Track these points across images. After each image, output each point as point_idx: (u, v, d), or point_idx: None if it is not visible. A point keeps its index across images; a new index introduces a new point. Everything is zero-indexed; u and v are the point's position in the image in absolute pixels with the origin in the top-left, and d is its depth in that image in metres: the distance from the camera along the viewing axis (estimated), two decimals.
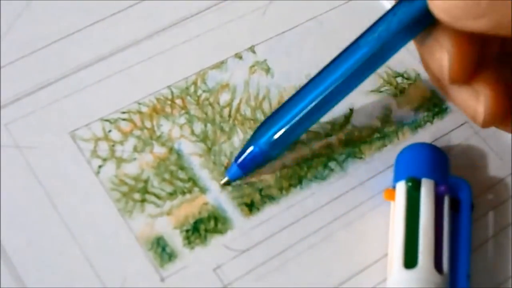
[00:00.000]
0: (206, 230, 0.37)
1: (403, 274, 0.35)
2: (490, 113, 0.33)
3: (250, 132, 0.40)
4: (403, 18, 0.34)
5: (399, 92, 0.42)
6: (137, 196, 0.38)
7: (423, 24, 0.33)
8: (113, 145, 0.39)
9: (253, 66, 0.42)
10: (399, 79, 0.43)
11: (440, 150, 0.39)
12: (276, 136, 0.38)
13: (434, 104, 0.42)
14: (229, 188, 0.38)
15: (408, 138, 0.41)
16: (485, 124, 0.34)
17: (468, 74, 0.33)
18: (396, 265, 0.35)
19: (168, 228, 0.37)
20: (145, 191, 0.38)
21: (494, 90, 0.33)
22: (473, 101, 0.34)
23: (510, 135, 0.41)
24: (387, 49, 0.35)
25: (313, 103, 0.37)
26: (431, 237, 0.35)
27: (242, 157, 0.38)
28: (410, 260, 0.35)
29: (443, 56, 0.33)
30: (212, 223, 0.38)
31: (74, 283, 0.36)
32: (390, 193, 0.37)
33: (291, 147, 0.40)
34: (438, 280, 0.35)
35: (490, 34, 0.31)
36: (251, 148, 0.38)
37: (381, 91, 0.42)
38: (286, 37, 0.43)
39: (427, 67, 0.36)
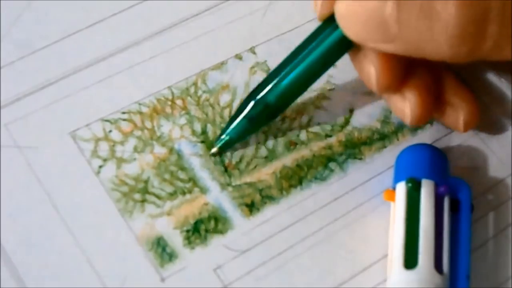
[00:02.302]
0: (206, 230, 0.37)
1: (403, 274, 0.35)
2: (416, 114, 0.38)
3: None
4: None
5: None
6: (137, 196, 0.38)
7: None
8: (113, 145, 0.39)
9: (253, 67, 0.42)
10: None
11: (440, 151, 0.39)
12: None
13: None
14: (230, 188, 0.38)
15: (408, 139, 0.41)
16: (412, 123, 0.38)
17: (394, 85, 0.37)
18: (396, 265, 0.35)
19: (169, 228, 0.37)
20: (145, 191, 0.38)
21: (419, 95, 0.37)
22: (401, 104, 0.38)
23: (510, 135, 0.41)
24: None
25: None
26: (431, 238, 0.35)
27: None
28: (410, 261, 0.35)
29: (370, 69, 0.37)
30: (212, 223, 0.38)
31: (74, 283, 0.36)
32: (390, 194, 0.37)
33: (291, 147, 0.40)
34: (438, 281, 0.35)
35: (403, 55, 0.35)
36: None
37: None
38: (286, 38, 0.43)
39: (359, 75, 0.38)
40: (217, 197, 0.38)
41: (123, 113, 0.40)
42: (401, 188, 0.37)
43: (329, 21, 0.37)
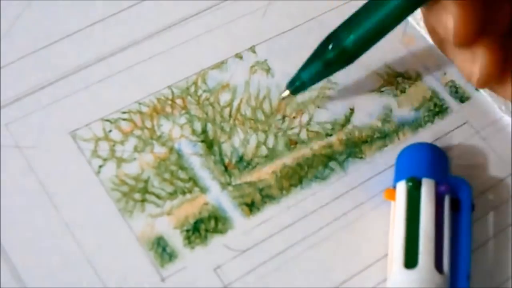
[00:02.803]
0: (206, 230, 0.37)
1: (404, 274, 0.35)
2: (484, 74, 0.36)
3: (251, 132, 0.40)
4: None
5: (400, 92, 0.42)
6: (137, 196, 0.38)
7: None
8: (113, 145, 0.39)
9: (253, 66, 0.42)
10: (399, 79, 0.43)
11: (440, 150, 0.39)
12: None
13: (434, 104, 0.42)
14: (230, 187, 0.38)
15: (409, 138, 0.41)
16: (479, 84, 0.37)
17: (471, 38, 0.35)
18: (396, 265, 0.35)
19: (169, 228, 0.37)
20: (145, 191, 0.38)
21: (491, 54, 0.36)
22: (470, 62, 0.36)
23: (510, 135, 0.41)
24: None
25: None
26: (432, 237, 0.35)
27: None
28: (410, 260, 0.35)
29: (449, 19, 0.35)
30: (212, 223, 0.38)
31: (74, 283, 0.36)
32: (391, 193, 0.37)
33: (292, 146, 0.40)
34: (438, 280, 0.34)
35: None
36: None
37: (381, 91, 0.42)
38: (287, 37, 0.43)
39: (431, 30, 0.38)
40: (217, 197, 0.38)
41: (123, 112, 0.40)
42: (402, 187, 0.37)
43: None
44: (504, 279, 0.37)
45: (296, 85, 0.39)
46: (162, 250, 0.37)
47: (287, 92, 0.40)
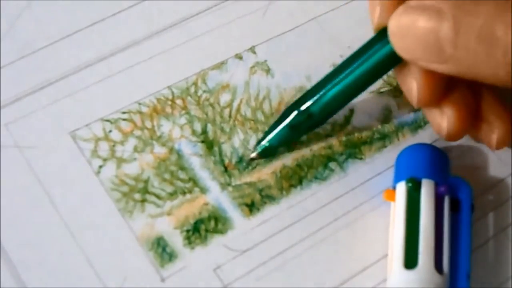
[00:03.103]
0: (206, 230, 0.37)
1: (403, 274, 0.35)
2: (453, 130, 0.37)
3: (251, 133, 0.40)
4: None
5: (399, 93, 0.42)
6: (137, 196, 0.38)
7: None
8: (113, 145, 0.39)
9: (253, 66, 0.42)
10: None
11: (440, 150, 0.39)
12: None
13: None
14: (230, 188, 0.38)
15: (408, 139, 0.41)
16: (450, 139, 0.38)
17: (433, 100, 0.37)
18: (396, 265, 0.35)
19: (169, 228, 0.37)
20: (145, 191, 0.38)
21: (457, 111, 0.37)
22: (439, 118, 0.38)
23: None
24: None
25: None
26: (431, 238, 0.35)
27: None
28: (410, 261, 0.35)
29: (412, 84, 0.37)
30: (212, 223, 0.38)
31: (74, 283, 0.36)
32: (390, 193, 0.37)
33: (291, 147, 0.40)
34: (438, 281, 0.35)
35: (453, 76, 0.35)
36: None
37: (381, 92, 0.42)
38: (286, 37, 0.43)
39: (402, 89, 0.39)
40: (217, 197, 0.38)
41: (123, 113, 0.40)
42: (401, 188, 0.37)
43: (382, 34, 0.37)
44: (504, 279, 0.37)
45: (264, 147, 0.39)
46: (162, 250, 0.37)
47: (255, 154, 0.39)
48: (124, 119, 0.40)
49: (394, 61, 0.37)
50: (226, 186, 0.39)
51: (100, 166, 0.38)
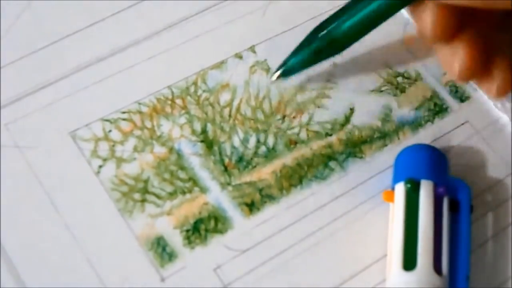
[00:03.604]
0: (206, 230, 0.37)
1: (402, 276, 0.35)
2: (464, 69, 0.37)
3: (251, 132, 0.40)
4: None
5: (400, 92, 0.42)
6: (137, 196, 0.38)
7: None
8: (113, 145, 0.39)
9: (253, 66, 0.42)
10: (399, 79, 0.43)
11: (439, 151, 0.39)
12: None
13: (434, 103, 0.42)
14: (230, 187, 0.38)
15: (409, 138, 0.41)
16: (460, 78, 0.38)
17: (448, 36, 0.37)
18: (395, 267, 0.35)
19: (168, 228, 0.37)
20: (145, 191, 0.38)
21: (470, 49, 0.37)
22: (451, 56, 0.38)
23: (510, 134, 0.41)
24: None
25: None
26: (430, 239, 0.35)
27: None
28: (409, 262, 0.35)
29: (427, 17, 0.37)
30: (212, 223, 0.38)
31: (74, 283, 0.36)
32: (389, 194, 0.37)
33: (291, 146, 0.40)
34: (437, 282, 0.34)
35: (483, 8, 0.35)
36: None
37: (381, 91, 0.42)
38: (286, 37, 0.43)
39: (417, 25, 0.38)
40: (217, 197, 0.38)
41: (123, 112, 0.40)
42: (400, 189, 0.37)
43: None
44: (504, 280, 0.37)
45: (285, 69, 0.40)
46: (162, 250, 0.37)
47: (276, 75, 0.40)
48: (124, 119, 0.40)
49: None
50: (226, 185, 0.39)
51: (100, 166, 0.38)
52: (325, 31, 0.39)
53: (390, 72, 0.43)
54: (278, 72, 0.40)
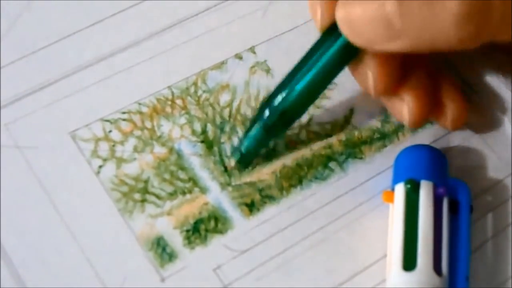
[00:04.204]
0: (206, 230, 0.37)
1: (402, 276, 0.35)
2: (414, 116, 0.38)
3: None
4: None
5: None
6: (137, 196, 0.38)
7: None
8: (113, 145, 0.39)
9: (253, 66, 0.42)
10: None
11: (439, 151, 0.39)
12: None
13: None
14: (230, 188, 0.38)
15: (408, 139, 0.41)
16: (411, 125, 0.39)
17: (390, 88, 0.38)
18: (395, 267, 0.35)
19: (168, 228, 0.37)
20: (145, 191, 0.38)
21: (416, 97, 0.38)
22: (399, 106, 0.39)
23: (509, 135, 0.41)
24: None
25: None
26: (430, 239, 0.35)
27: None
28: (409, 263, 0.35)
29: (368, 74, 0.37)
30: (212, 223, 0.38)
31: (74, 283, 0.36)
32: (389, 195, 0.37)
33: (291, 147, 0.40)
34: (437, 282, 0.34)
35: (409, 51, 0.35)
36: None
37: None
38: (286, 37, 0.43)
39: (358, 83, 0.39)
40: (217, 197, 0.38)
41: (123, 113, 0.40)
42: (400, 190, 0.37)
43: (331, 31, 0.37)
44: (504, 280, 0.37)
45: (242, 154, 0.39)
46: (162, 250, 0.37)
47: (232, 163, 0.39)
48: (124, 119, 0.40)
49: (348, 54, 0.37)
50: (226, 186, 0.39)
51: (100, 166, 0.38)
52: (271, 107, 0.38)
53: None
54: (235, 157, 0.39)
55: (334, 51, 0.37)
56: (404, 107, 0.38)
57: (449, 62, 0.42)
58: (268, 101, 0.38)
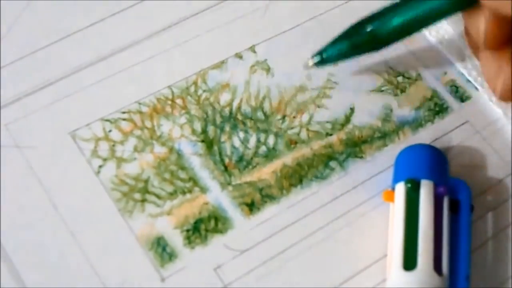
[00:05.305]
0: (206, 230, 0.37)
1: (402, 276, 0.35)
2: (506, 90, 0.38)
3: (251, 132, 0.40)
4: None
5: (400, 92, 0.42)
6: (137, 196, 0.38)
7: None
8: (113, 145, 0.39)
9: (253, 66, 0.42)
10: (400, 79, 0.43)
11: (439, 151, 0.39)
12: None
13: (435, 103, 0.42)
14: (230, 187, 0.38)
15: (409, 138, 0.41)
16: (501, 98, 0.39)
17: (499, 43, 0.38)
18: (395, 267, 0.35)
19: (169, 228, 0.37)
20: (145, 191, 0.38)
21: None
22: (495, 74, 0.39)
23: (509, 135, 0.41)
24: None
25: None
26: (431, 239, 0.35)
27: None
28: (409, 262, 0.35)
29: (481, 23, 0.38)
30: (212, 223, 0.38)
31: (74, 283, 0.36)
32: (389, 194, 0.37)
33: (292, 146, 0.40)
34: (437, 282, 0.34)
35: None
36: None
37: (382, 91, 0.42)
38: (287, 36, 0.43)
39: (467, 33, 0.40)
40: (217, 197, 0.38)
41: (123, 112, 0.40)
42: (400, 189, 0.37)
43: None
44: (504, 280, 0.37)
45: (323, 58, 0.40)
46: (162, 250, 0.37)
47: (311, 62, 0.40)
48: (124, 119, 0.40)
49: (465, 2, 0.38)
50: (226, 185, 0.39)
51: (100, 166, 0.38)
52: (369, 27, 0.39)
53: (391, 72, 0.43)
54: (314, 59, 0.40)
55: None
56: (499, 78, 0.39)
57: None
58: (366, 21, 0.39)
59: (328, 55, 0.40)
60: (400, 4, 0.39)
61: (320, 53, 0.40)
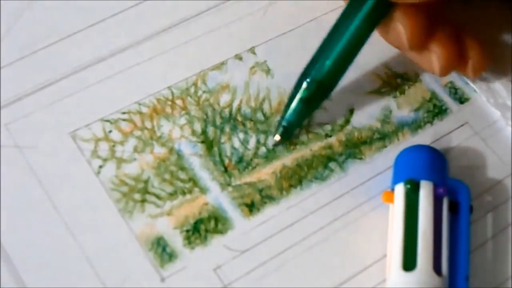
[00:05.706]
0: (206, 230, 0.37)
1: (402, 276, 0.35)
2: (442, 62, 0.40)
3: (251, 133, 0.40)
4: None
5: (399, 93, 0.42)
6: (137, 196, 0.38)
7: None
8: (113, 146, 0.39)
9: (253, 67, 0.42)
10: (399, 80, 0.43)
11: (438, 152, 0.39)
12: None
13: (434, 105, 0.42)
14: (230, 188, 0.38)
15: (408, 139, 0.41)
16: (441, 72, 0.40)
17: (422, 40, 0.39)
18: (394, 267, 0.35)
19: (169, 228, 0.37)
20: (145, 191, 0.38)
21: (444, 47, 0.40)
22: (428, 56, 0.40)
23: (509, 136, 0.41)
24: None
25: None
26: (430, 240, 0.35)
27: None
28: (409, 263, 0.35)
29: (400, 28, 0.39)
30: (212, 223, 0.38)
31: (74, 283, 0.36)
32: (389, 195, 0.37)
33: (291, 147, 0.40)
34: (437, 282, 0.34)
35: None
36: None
37: (381, 92, 0.42)
38: (286, 38, 0.43)
39: (389, 41, 0.41)
40: (217, 197, 0.38)
41: (123, 113, 0.40)
42: (400, 190, 0.37)
43: None
44: (503, 280, 0.37)
45: (283, 128, 0.39)
46: (162, 250, 0.37)
47: (278, 137, 0.39)
48: (124, 120, 0.40)
49: (378, 13, 0.39)
50: (226, 186, 0.39)
51: (100, 166, 0.38)
52: (309, 78, 0.39)
53: (390, 74, 0.43)
54: (279, 132, 0.39)
55: (365, 12, 0.38)
56: (433, 56, 0.40)
57: None
58: (304, 74, 0.39)
59: (288, 122, 0.39)
60: (324, 45, 0.39)
61: (280, 124, 0.39)
